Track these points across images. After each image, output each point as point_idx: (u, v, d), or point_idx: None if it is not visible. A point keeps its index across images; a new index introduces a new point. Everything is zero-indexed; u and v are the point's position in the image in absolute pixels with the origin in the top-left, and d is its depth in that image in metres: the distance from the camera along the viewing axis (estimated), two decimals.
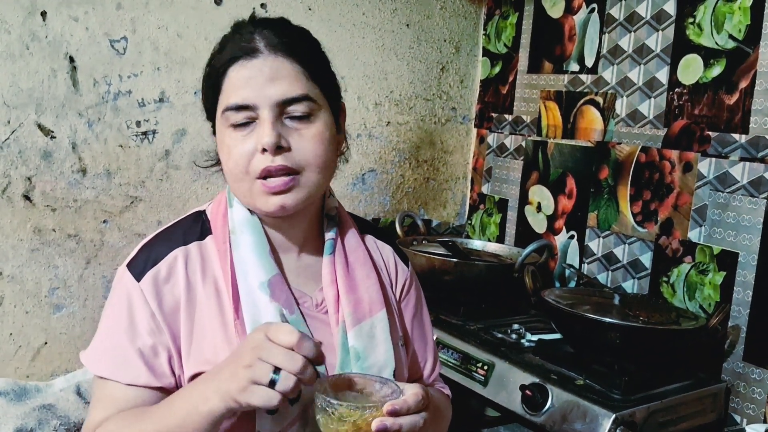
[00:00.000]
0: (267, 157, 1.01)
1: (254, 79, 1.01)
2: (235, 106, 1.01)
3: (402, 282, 1.25)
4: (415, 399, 0.93)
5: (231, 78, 1.03)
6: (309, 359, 0.89)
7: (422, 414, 0.94)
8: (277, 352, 0.88)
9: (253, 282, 1.06)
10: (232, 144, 1.03)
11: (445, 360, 1.75)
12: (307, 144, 1.03)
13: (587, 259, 2.06)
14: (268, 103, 1.01)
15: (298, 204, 1.05)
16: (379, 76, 2.20)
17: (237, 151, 1.02)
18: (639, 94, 1.91)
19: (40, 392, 1.54)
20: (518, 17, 2.28)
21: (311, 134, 1.03)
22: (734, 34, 1.68)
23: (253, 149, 1.01)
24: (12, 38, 1.62)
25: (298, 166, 1.03)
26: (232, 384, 0.89)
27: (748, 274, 1.66)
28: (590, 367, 1.58)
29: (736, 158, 1.69)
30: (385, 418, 0.89)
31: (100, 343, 1.07)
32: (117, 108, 1.76)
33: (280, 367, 0.88)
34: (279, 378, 0.88)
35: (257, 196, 1.04)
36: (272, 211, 1.04)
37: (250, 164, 1.02)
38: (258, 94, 1.01)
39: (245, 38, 1.03)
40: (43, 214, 1.70)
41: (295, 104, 1.02)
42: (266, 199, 1.03)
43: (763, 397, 1.63)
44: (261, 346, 0.89)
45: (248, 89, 1.01)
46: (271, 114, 1.01)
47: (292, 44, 1.04)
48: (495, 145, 2.37)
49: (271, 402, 0.88)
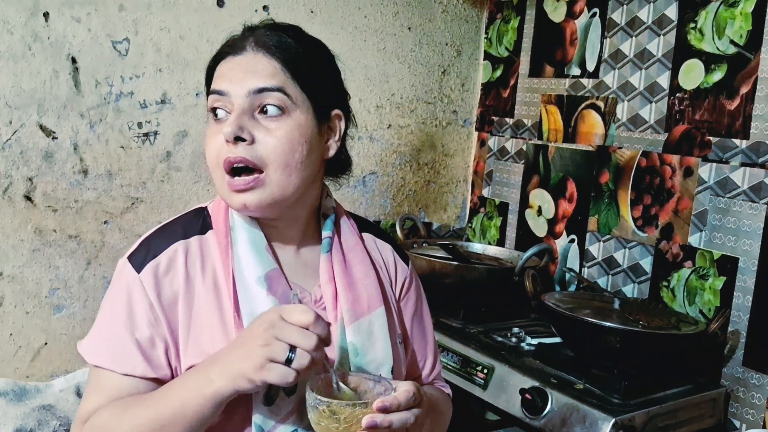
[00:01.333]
0: (230, 148, 1.02)
1: (233, 71, 1.05)
2: (212, 92, 1.06)
3: (402, 280, 1.26)
4: (406, 396, 0.94)
5: (217, 71, 1.07)
6: (320, 338, 0.92)
7: (414, 411, 0.94)
8: (292, 331, 0.91)
9: (251, 276, 1.07)
10: (209, 134, 1.07)
11: (445, 363, 1.75)
12: (272, 140, 1.02)
13: (587, 263, 2.06)
14: (240, 92, 1.03)
15: (261, 204, 1.04)
16: (380, 78, 2.21)
17: (211, 142, 1.06)
18: (640, 98, 1.91)
19: (39, 393, 1.54)
20: (520, 21, 2.28)
21: (279, 131, 1.03)
22: (735, 40, 1.68)
23: (223, 140, 1.03)
24: (14, 39, 1.62)
25: (261, 162, 1.02)
26: (247, 363, 0.91)
27: (748, 279, 1.66)
28: (590, 371, 1.58)
29: (736, 163, 1.69)
30: (375, 414, 0.91)
31: (98, 333, 1.07)
32: (119, 109, 1.77)
33: (297, 345, 0.90)
34: (295, 356, 0.90)
35: (226, 193, 1.06)
36: (237, 209, 1.06)
37: (218, 155, 1.04)
38: (232, 84, 1.04)
39: (239, 38, 1.08)
40: (44, 214, 1.71)
41: (267, 96, 1.02)
42: (232, 196, 1.05)
43: (763, 402, 1.63)
44: (276, 326, 0.91)
45: (226, 80, 1.05)
46: (241, 105, 1.03)
47: (277, 43, 1.06)
48: (496, 149, 2.38)
49: (287, 379, 0.90)
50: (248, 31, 1.09)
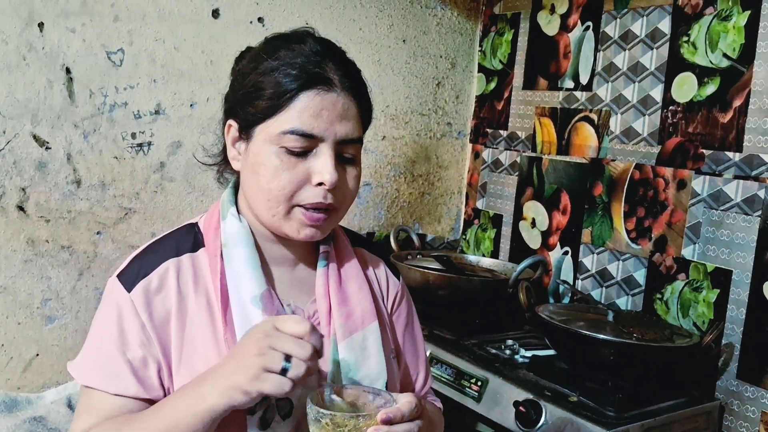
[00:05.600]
0: (320, 192, 1.03)
1: (327, 111, 1.02)
2: (301, 133, 1.01)
3: (393, 295, 1.25)
4: (409, 407, 0.93)
5: (302, 102, 1.01)
6: (315, 348, 0.92)
7: (416, 422, 0.94)
8: (287, 340, 0.91)
9: (246, 295, 1.05)
10: (281, 167, 1.02)
11: (438, 375, 1.75)
12: (351, 184, 1.08)
13: (581, 276, 2.06)
14: (332, 139, 1.03)
15: (324, 235, 1.10)
16: (375, 90, 2.18)
17: (286, 176, 1.02)
18: (633, 111, 1.92)
19: (31, 404, 1.53)
20: (514, 34, 2.29)
21: (354, 175, 1.08)
22: (728, 53, 1.69)
23: (304, 178, 1.03)
24: (9, 49, 1.62)
25: (338, 204, 1.07)
26: (241, 374, 0.90)
27: (741, 291, 1.66)
28: (584, 384, 1.58)
29: (730, 176, 1.69)
30: (379, 426, 0.90)
31: (89, 353, 1.06)
32: (112, 119, 1.76)
33: (292, 354, 0.90)
34: (291, 365, 0.90)
35: (291, 222, 1.05)
36: (300, 238, 1.07)
37: (297, 192, 1.03)
38: (327, 128, 1.02)
39: (314, 63, 1.03)
40: (37, 225, 1.70)
41: (351, 146, 1.06)
42: (300, 228, 1.06)
43: (757, 415, 1.63)
44: (271, 335, 0.91)
45: (319, 120, 1.02)
46: (332, 151, 1.03)
47: (358, 85, 1.07)
48: (490, 161, 2.38)
49: (283, 389, 0.89)
50: (317, 50, 1.05)
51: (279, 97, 1.02)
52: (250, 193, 1.07)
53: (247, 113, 1.05)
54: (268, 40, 1.10)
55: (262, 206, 1.06)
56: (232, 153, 1.10)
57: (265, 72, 1.04)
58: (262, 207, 1.06)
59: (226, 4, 1.89)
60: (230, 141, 1.10)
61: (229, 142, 1.10)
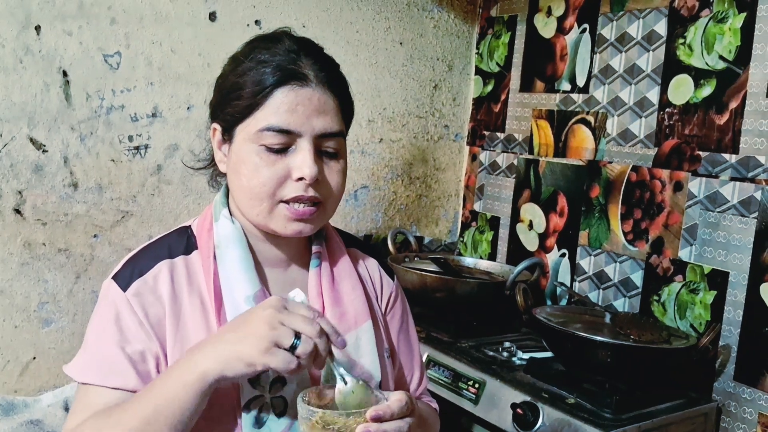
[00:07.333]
0: (301, 186, 1.04)
1: (302, 106, 1.03)
2: (278, 129, 1.02)
3: (387, 295, 1.26)
4: (399, 405, 0.93)
5: (277, 99, 1.02)
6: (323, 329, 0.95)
7: (407, 419, 0.94)
8: (298, 318, 0.93)
9: (239, 295, 1.06)
10: (261, 164, 1.03)
11: (435, 377, 1.75)
12: (334, 178, 1.08)
13: (578, 278, 2.06)
14: (310, 134, 1.03)
15: (313, 231, 1.09)
16: (372, 93, 2.21)
17: (266, 173, 1.03)
18: (630, 113, 1.92)
19: (27, 407, 1.53)
20: (510, 37, 2.29)
21: (338, 169, 1.08)
22: (725, 55, 1.70)
23: (284, 174, 1.03)
24: (5, 52, 1.62)
25: (323, 198, 1.07)
26: (249, 345, 0.90)
27: (738, 293, 1.66)
28: (581, 386, 1.58)
29: (726, 178, 1.70)
30: (369, 424, 0.90)
31: (87, 352, 1.06)
32: (109, 122, 1.76)
33: (301, 331, 0.92)
34: (299, 342, 0.91)
35: (276, 218, 1.06)
36: (288, 234, 1.07)
37: (279, 188, 1.04)
38: (303, 123, 1.03)
39: (289, 60, 1.04)
40: (34, 228, 1.70)
41: (331, 139, 1.06)
42: (286, 223, 1.06)
43: (754, 417, 1.63)
44: (282, 312, 0.93)
45: (295, 116, 1.02)
46: (311, 145, 1.03)
47: (335, 79, 1.08)
48: (487, 163, 2.38)
49: (290, 365, 0.90)
50: (293, 48, 1.06)
51: (255, 96, 1.03)
52: (236, 193, 1.09)
53: (227, 114, 1.07)
54: (246, 43, 1.11)
55: (247, 205, 1.07)
56: (218, 156, 1.12)
57: (242, 73, 1.05)
58: (247, 205, 1.07)
59: (223, 7, 1.89)
60: (216, 144, 1.12)
61: (215, 146, 1.12)
